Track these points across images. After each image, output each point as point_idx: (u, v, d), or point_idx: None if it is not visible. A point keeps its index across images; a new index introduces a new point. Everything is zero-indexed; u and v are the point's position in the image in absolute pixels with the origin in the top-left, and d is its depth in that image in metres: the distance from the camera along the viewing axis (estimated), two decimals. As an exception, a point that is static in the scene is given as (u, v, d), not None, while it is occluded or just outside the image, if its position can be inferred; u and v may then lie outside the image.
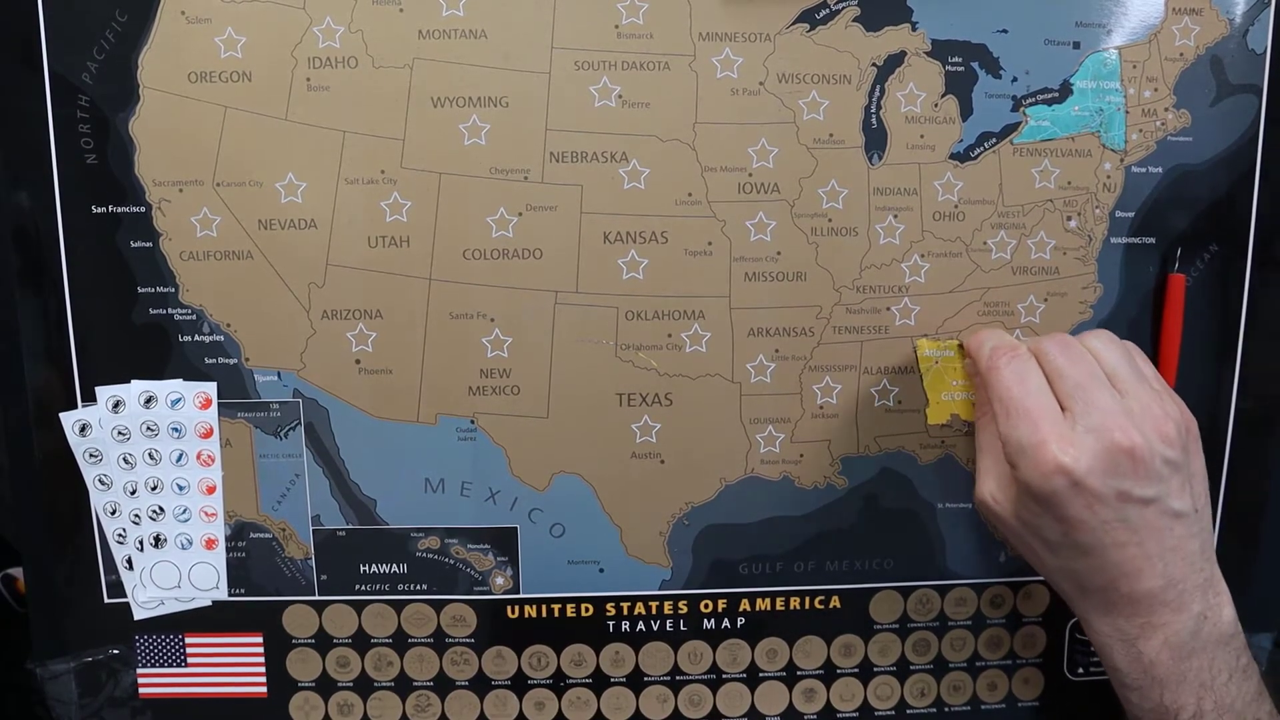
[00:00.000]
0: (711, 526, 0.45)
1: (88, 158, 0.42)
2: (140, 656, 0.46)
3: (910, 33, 0.42)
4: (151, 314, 0.43)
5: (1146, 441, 0.37)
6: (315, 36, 0.41)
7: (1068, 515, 0.37)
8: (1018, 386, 0.39)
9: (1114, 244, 0.44)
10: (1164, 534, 0.37)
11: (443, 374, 0.44)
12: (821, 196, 0.43)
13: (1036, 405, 0.38)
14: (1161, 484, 0.37)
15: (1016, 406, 0.38)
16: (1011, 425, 0.38)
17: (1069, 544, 0.38)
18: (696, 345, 0.44)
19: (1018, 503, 0.39)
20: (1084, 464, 0.37)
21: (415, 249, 0.42)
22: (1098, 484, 0.37)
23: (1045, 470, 0.37)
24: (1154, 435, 0.37)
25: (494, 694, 0.47)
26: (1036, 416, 0.38)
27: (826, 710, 0.48)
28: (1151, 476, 0.37)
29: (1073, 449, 0.37)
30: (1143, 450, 0.37)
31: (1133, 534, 0.37)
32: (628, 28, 0.41)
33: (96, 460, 0.44)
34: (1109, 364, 0.39)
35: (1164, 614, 0.38)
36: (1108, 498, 0.37)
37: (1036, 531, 0.39)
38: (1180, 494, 0.38)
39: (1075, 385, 0.38)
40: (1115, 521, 0.37)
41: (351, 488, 0.44)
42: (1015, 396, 0.39)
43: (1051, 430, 0.37)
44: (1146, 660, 0.38)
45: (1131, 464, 0.37)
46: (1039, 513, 0.38)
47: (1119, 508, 0.37)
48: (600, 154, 0.42)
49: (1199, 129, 0.44)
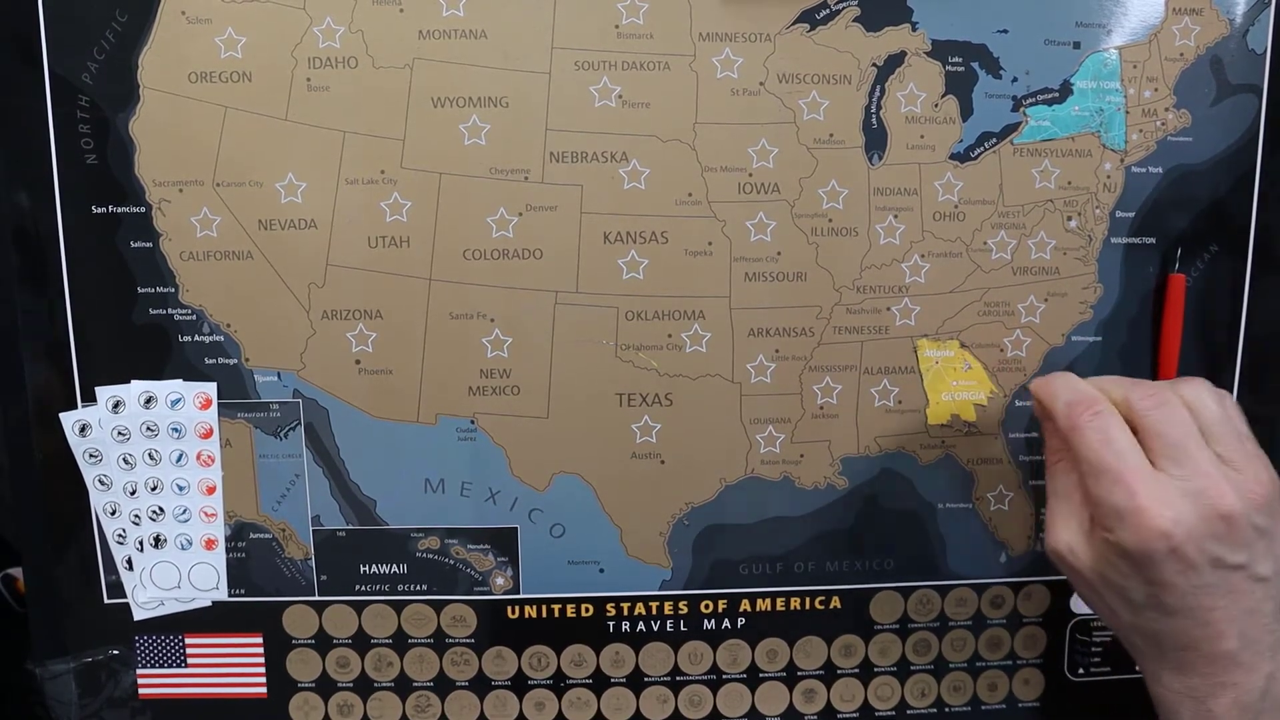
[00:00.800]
0: (712, 527, 0.45)
1: (88, 158, 0.42)
2: (140, 657, 0.46)
3: (910, 33, 0.42)
4: (151, 314, 0.43)
5: (1243, 508, 0.37)
6: (315, 36, 0.41)
7: (1159, 579, 0.37)
8: (1106, 450, 0.38)
9: (1114, 244, 0.44)
10: (1246, 597, 0.37)
11: (443, 374, 0.43)
12: (822, 196, 0.43)
13: (1129, 469, 0.37)
14: (1251, 550, 0.37)
15: (1108, 470, 0.37)
16: (1105, 490, 0.37)
17: (1154, 605, 0.38)
18: (696, 345, 0.44)
19: (1103, 560, 0.38)
20: (1183, 529, 0.36)
21: (415, 249, 0.42)
22: (1194, 550, 0.36)
23: (1145, 535, 0.36)
24: (1249, 501, 0.37)
25: (494, 694, 0.47)
26: (1130, 480, 0.37)
27: (827, 711, 0.48)
28: (1243, 543, 0.37)
29: (1172, 514, 0.36)
30: (1239, 517, 0.36)
31: (1219, 599, 0.37)
32: (628, 28, 0.41)
33: (96, 460, 0.44)
34: (1205, 420, 0.38)
35: (1237, 674, 0.37)
36: (1201, 564, 0.36)
37: (1120, 591, 0.38)
38: (1265, 559, 0.37)
39: (1172, 445, 0.37)
40: (1206, 586, 0.37)
41: (351, 488, 0.44)
42: (1104, 460, 0.38)
43: (1149, 494, 0.37)
44: (1214, 718, 0.38)
45: (1228, 530, 0.36)
46: (1128, 574, 0.37)
47: (1211, 573, 0.37)
48: (600, 154, 0.42)
49: (1199, 129, 0.44)
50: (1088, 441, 0.38)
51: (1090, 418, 0.39)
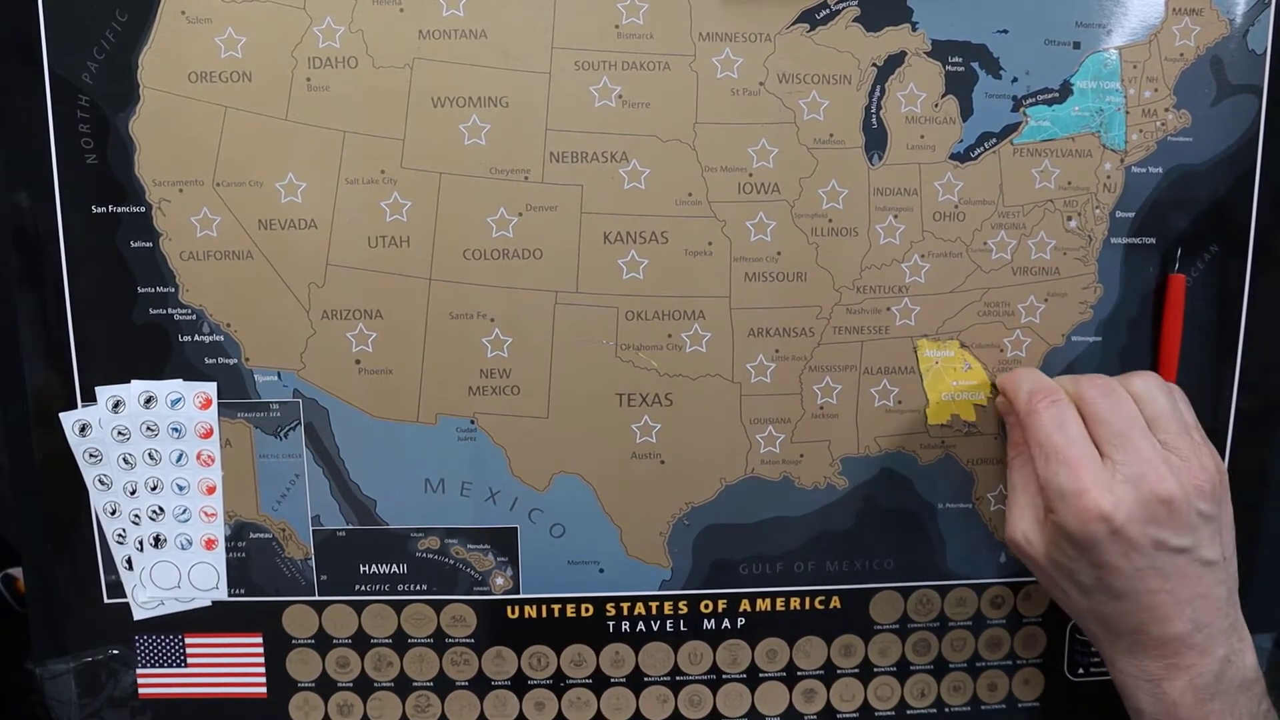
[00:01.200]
0: (711, 526, 0.45)
1: (88, 158, 0.42)
2: (140, 657, 0.46)
3: (910, 33, 0.42)
4: (151, 314, 0.43)
5: (1184, 493, 0.38)
6: (315, 36, 0.41)
7: (1103, 561, 0.38)
8: (1057, 433, 0.39)
9: (1114, 244, 0.44)
10: (1194, 581, 0.38)
11: (443, 374, 0.43)
12: (822, 197, 0.43)
13: (1076, 453, 0.39)
14: (1195, 534, 0.38)
15: (1056, 453, 0.39)
16: (1052, 471, 0.39)
17: (1102, 588, 0.39)
18: (696, 345, 0.44)
19: (1052, 545, 0.40)
20: (1123, 512, 0.37)
21: (415, 249, 0.42)
22: (1135, 532, 0.37)
23: (1085, 517, 0.37)
24: (1191, 487, 0.38)
25: (494, 694, 0.47)
26: (1076, 463, 0.38)
27: (826, 711, 0.48)
28: (1186, 526, 0.38)
29: (1112, 497, 0.37)
30: (1180, 501, 0.38)
31: (1165, 581, 0.38)
32: (628, 28, 0.41)
33: (96, 460, 0.44)
34: (1151, 411, 0.40)
35: (1190, 656, 0.38)
36: (1144, 546, 0.37)
37: (1070, 574, 0.39)
38: (1211, 544, 0.38)
39: (1116, 433, 0.39)
40: (1149, 569, 0.38)
41: (351, 488, 0.44)
42: (1055, 443, 0.39)
43: (1092, 478, 0.38)
44: (1170, 701, 0.38)
45: (1168, 514, 0.37)
46: (1074, 556, 0.39)
47: (1154, 556, 0.38)
48: (600, 154, 0.42)
49: (1199, 129, 0.44)
50: (1042, 425, 0.40)
51: (1047, 405, 0.40)
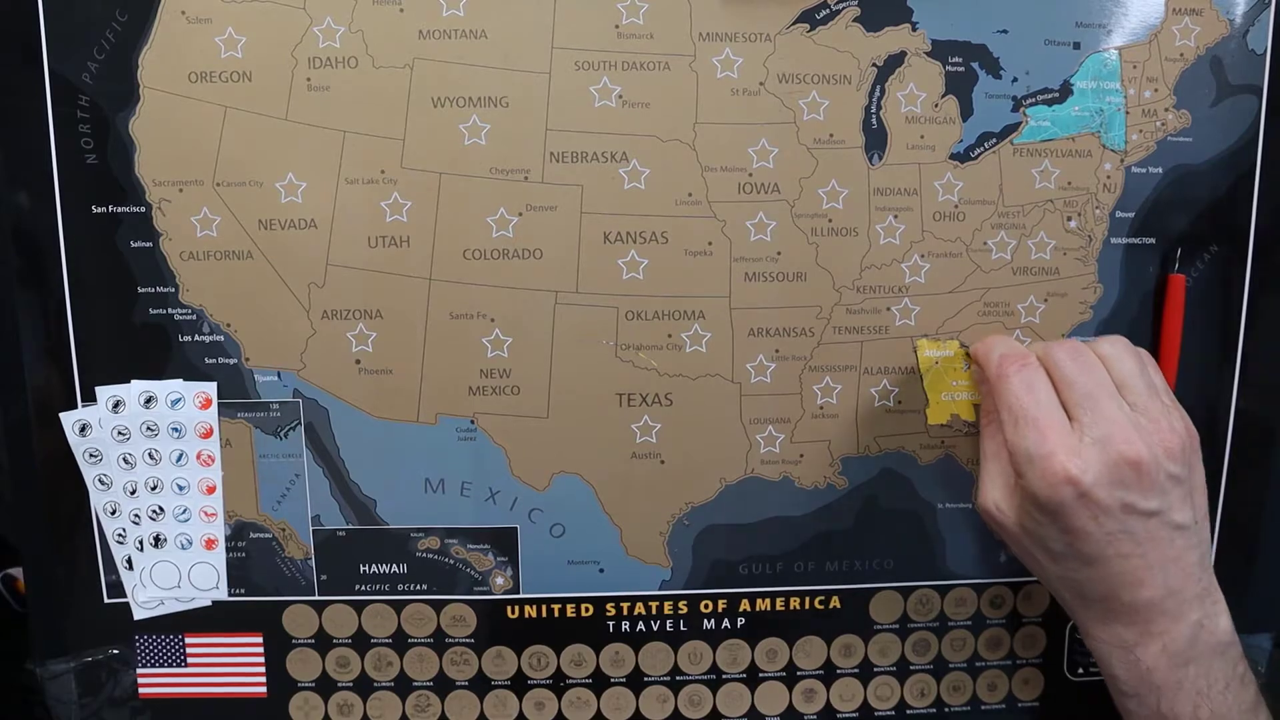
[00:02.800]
0: (711, 526, 0.45)
1: (88, 158, 0.42)
2: (140, 656, 0.46)
3: (910, 33, 0.42)
4: (151, 314, 0.43)
5: (1152, 455, 0.37)
6: (315, 36, 0.41)
7: (1072, 525, 0.37)
8: (1026, 396, 0.39)
9: (1114, 244, 0.44)
10: (1165, 545, 0.38)
11: (443, 374, 0.43)
12: (822, 197, 0.43)
13: (1045, 416, 0.38)
14: (1165, 497, 0.37)
15: (1025, 416, 0.38)
16: (1019, 435, 0.38)
17: (1072, 553, 0.38)
18: (696, 345, 0.44)
19: (1022, 511, 0.39)
20: (1090, 475, 0.37)
21: (415, 249, 0.42)
22: (1104, 495, 0.37)
23: (1052, 481, 0.37)
24: (1159, 449, 0.37)
25: (494, 694, 0.47)
26: (1044, 427, 0.38)
27: (826, 710, 0.48)
28: (1155, 489, 0.37)
29: (1079, 460, 0.37)
30: (1148, 464, 0.37)
31: (1135, 545, 0.37)
32: (628, 28, 0.41)
33: (96, 460, 0.44)
34: (1119, 373, 0.39)
35: (1163, 622, 0.38)
36: (1113, 509, 0.37)
37: (1040, 540, 0.39)
38: (1182, 507, 0.38)
39: (1084, 395, 0.38)
40: (1119, 533, 0.37)
41: (351, 488, 0.44)
42: (1024, 406, 0.39)
43: (1059, 441, 0.37)
44: (1144, 667, 0.38)
45: (1137, 477, 0.37)
46: (1044, 522, 0.38)
47: (1123, 519, 0.37)
48: (600, 154, 0.42)
49: (1199, 129, 0.44)
50: (1012, 388, 0.39)
51: (1018, 369, 0.40)
